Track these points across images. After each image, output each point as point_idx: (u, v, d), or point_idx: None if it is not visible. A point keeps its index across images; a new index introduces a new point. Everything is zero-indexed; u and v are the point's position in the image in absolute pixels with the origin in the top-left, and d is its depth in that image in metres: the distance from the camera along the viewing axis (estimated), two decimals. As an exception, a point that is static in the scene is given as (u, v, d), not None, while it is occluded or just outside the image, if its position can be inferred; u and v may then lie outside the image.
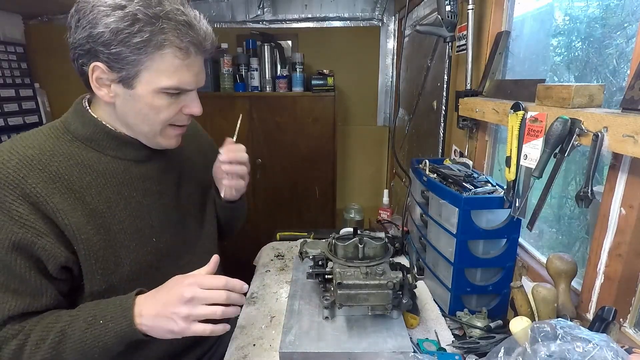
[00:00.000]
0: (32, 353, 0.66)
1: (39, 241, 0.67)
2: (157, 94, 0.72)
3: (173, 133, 0.80)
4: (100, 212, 0.74)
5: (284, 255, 1.34)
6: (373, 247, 0.91)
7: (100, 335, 0.68)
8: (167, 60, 0.70)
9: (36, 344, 0.67)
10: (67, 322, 0.69)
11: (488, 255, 0.96)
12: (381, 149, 2.83)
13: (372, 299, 0.82)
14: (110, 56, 0.68)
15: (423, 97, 1.87)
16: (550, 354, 0.54)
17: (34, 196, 0.67)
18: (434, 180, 1.05)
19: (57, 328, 0.68)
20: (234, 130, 0.98)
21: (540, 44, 1.12)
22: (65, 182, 0.71)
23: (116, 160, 0.78)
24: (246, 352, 0.87)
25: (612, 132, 0.64)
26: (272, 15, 2.57)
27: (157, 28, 0.67)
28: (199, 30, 0.72)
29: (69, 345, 0.67)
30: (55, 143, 0.74)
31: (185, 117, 0.79)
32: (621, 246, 0.71)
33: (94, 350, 0.68)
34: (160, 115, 0.75)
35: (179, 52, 0.70)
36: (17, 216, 0.66)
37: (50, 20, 2.52)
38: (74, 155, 0.74)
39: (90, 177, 0.74)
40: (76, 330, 0.68)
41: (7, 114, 2.31)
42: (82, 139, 0.76)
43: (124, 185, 0.78)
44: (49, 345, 0.67)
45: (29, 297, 0.69)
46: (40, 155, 0.71)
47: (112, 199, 0.76)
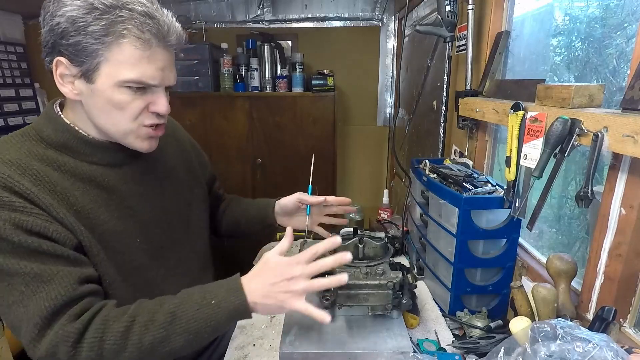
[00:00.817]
0: (142, 334, 0.66)
1: (51, 226, 0.66)
2: (118, 88, 0.69)
3: (145, 134, 0.76)
4: (85, 213, 0.73)
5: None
6: (373, 247, 0.91)
7: (213, 315, 0.68)
8: (126, 51, 0.67)
9: (145, 325, 0.66)
10: (175, 304, 0.69)
11: (488, 255, 0.96)
12: (381, 149, 2.83)
13: (372, 299, 0.82)
14: (69, 48, 0.67)
15: (423, 97, 1.87)
16: (550, 354, 0.54)
17: (24, 192, 0.66)
18: (434, 180, 1.05)
19: (165, 309, 0.68)
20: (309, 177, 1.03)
21: (540, 44, 1.12)
22: (47, 184, 0.69)
23: (92, 165, 0.76)
24: (246, 352, 0.87)
25: (612, 132, 0.64)
26: (272, 15, 2.57)
27: (115, 16, 0.65)
28: (161, 22, 0.69)
29: (180, 325, 0.67)
30: (30, 149, 0.72)
31: (153, 115, 0.75)
32: (621, 246, 0.71)
33: (204, 330, 0.68)
34: (124, 113, 0.72)
35: (137, 43, 0.67)
36: (21, 207, 0.65)
37: (50, 20, 2.52)
38: (50, 161, 0.72)
39: (69, 181, 0.73)
40: (188, 311, 0.68)
41: (7, 114, 2.31)
42: (56, 146, 0.74)
43: (104, 188, 0.77)
44: (160, 326, 0.66)
45: (74, 265, 0.68)
46: (19, 160, 0.69)
47: (94, 201, 0.75)
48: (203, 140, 1.13)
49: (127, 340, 0.65)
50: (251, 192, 2.47)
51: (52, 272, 0.65)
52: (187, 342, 0.68)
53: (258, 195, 2.60)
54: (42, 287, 0.64)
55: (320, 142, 2.40)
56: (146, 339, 0.66)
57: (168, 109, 0.75)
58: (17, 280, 0.64)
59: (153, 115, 0.75)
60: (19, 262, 0.64)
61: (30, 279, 0.64)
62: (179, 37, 0.73)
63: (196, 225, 0.98)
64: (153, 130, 0.77)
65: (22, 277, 0.64)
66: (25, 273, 0.64)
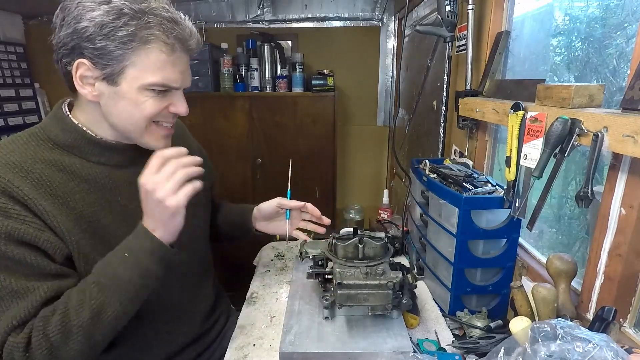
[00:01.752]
0: (78, 314, 0.66)
1: (42, 235, 0.67)
2: (142, 90, 0.71)
3: (159, 133, 0.78)
4: (86, 217, 0.73)
5: (284, 255, 1.34)
6: (373, 247, 0.91)
7: (135, 265, 0.69)
8: (153, 55, 0.69)
9: (78, 304, 0.66)
10: (95, 274, 0.69)
11: (488, 255, 0.96)
12: (381, 149, 2.83)
13: (372, 299, 0.82)
14: (95, 51, 0.68)
15: (423, 97, 1.87)
16: (550, 354, 0.54)
17: (22, 198, 0.66)
18: (434, 180, 1.05)
19: (89, 283, 0.68)
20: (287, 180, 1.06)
21: (540, 44, 1.12)
22: (48, 188, 0.70)
23: (99, 166, 0.77)
24: (246, 352, 0.87)
25: (612, 132, 0.64)
26: (272, 15, 2.57)
27: (143, 22, 0.67)
28: (184, 27, 0.72)
29: (108, 289, 0.67)
30: (36, 150, 0.72)
31: (170, 115, 0.78)
32: (621, 246, 0.71)
33: (134, 280, 0.69)
34: (145, 112, 0.73)
35: (164, 47, 0.70)
36: (15, 214, 0.65)
37: (50, 20, 2.51)
38: (56, 162, 0.73)
39: (74, 182, 0.73)
40: (108, 274, 0.68)
41: (7, 114, 2.31)
42: (63, 146, 0.75)
43: (108, 190, 0.78)
44: (90, 298, 0.66)
45: (55, 279, 0.69)
46: (22, 162, 0.69)
47: (96, 203, 0.75)
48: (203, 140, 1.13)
49: (67, 324, 0.65)
50: (251, 192, 2.47)
51: (28, 289, 0.66)
52: (125, 301, 0.69)
53: (258, 195, 2.60)
54: (15, 302, 0.65)
55: (320, 142, 2.40)
56: (84, 315, 0.66)
57: (187, 110, 0.78)
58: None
59: (170, 115, 0.78)
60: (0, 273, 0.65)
61: (5, 294, 0.65)
62: (198, 42, 0.76)
63: (199, 228, 0.98)
64: (167, 129, 0.79)
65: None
66: (2, 287, 0.65)
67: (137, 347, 0.85)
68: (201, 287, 1.01)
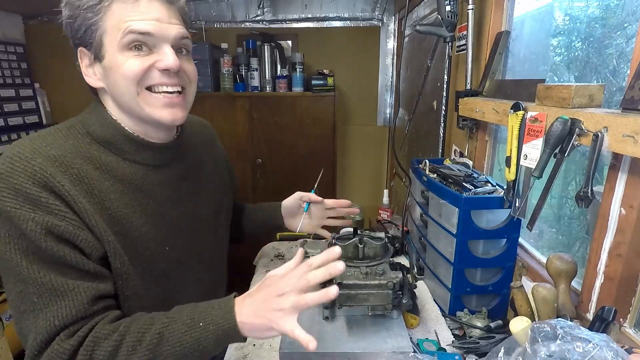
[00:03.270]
0: (129, 355, 0.63)
1: (81, 233, 0.65)
2: (121, 53, 0.68)
3: (157, 101, 0.73)
4: (119, 218, 0.72)
5: (284, 255, 1.34)
6: (373, 247, 0.91)
7: (201, 338, 0.65)
8: (116, 10, 0.67)
9: (132, 346, 0.63)
10: (164, 324, 0.66)
11: (488, 255, 0.96)
12: (381, 149, 2.83)
13: (372, 299, 0.82)
14: (78, 34, 0.69)
15: (423, 97, 1.87)
16: (550, 354, 0.54)
17: (63, 194, 0.65)
18: (434, 180, 1.05)
19: (154, 330, 0.65)
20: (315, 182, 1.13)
21: (540, 44, 1.12)
22: (86, 185, 0.68)
23: (134, 165, 0.76)
24: (246, 352, 0.87)
25: (612, 132, 0.64)
26: (272, 15, 2.57)
27: None
28: None
29: (166, 348, 0.64)
30: (75, 144, 0.71)
31: (160, 75, 0.71)
32: (621, 246, 0.71)
33: (192, 354, 0.65)
34: (127, 74, 0.69)
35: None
36: (56, 210, 0.64)
37: (50, 20, 2.53)
38: (93, 159, 0.71)
39: (109, 182, 0.72)
40: (175, 333, 0.65)
41: (7, 114, 2.31)
42: (101, 141, 0.73)
43: (142, 191, 0.76)
44: (146, 348, 0.63)
45: (93, 280, 0.67)
46: (63, 156, 0.68)
47: (129, 205, 0.74)
48: (203, 140, 1.13)
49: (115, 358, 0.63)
50: (251, 192, 2.47)
51: (68, 287, 0.64)
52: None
53: (258, 195, 2.61)
54: (54, 301, 0.63)
55: (320, 142, 2.40)
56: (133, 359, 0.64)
57: (176, 62, 0.70)
58: (31, 290, 0.63)
59: (161, 74, 0.71)
60: (39, 269, 0.63)
61: (44, 291, 0.63)
62: None
63: (221, 234, 0.98)
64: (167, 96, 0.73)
65: (37, 287, 0.63)
66: (41, 283, 0.63)
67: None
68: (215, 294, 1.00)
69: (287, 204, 1.10)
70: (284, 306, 0.64)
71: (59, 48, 2.46)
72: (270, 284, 0.67)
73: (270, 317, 0.64)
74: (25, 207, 0.62)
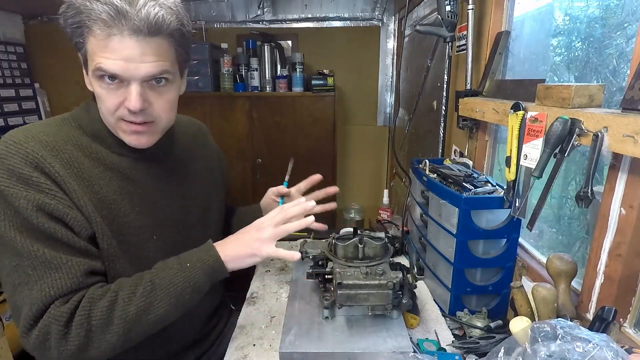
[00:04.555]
0: (125, 306, 0.68)
1: (70, 212, 0.69)
2: (95, 79, 0.70)
3: (127, 128, 0.74)
4: (107, 203, 0.75)
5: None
6: (373, 247, 0.91)
7: (190, 276, 0.72)
8: (92, 42, 0.68)
9: (128, 297, 0.69)
10: (153, 273, 0.73)
11: (488, 255, 0.96)
12: (381, 149, 2.83)
13: (372, 299, 0.82)
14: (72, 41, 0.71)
15: (423, 97, 1.87)
16: (550, 354, 0.54)
17: (53, 175, 0.69)
18: (434, 180, 1.05)
19: (145, 279, 0.71)
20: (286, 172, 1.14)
21: (540, 44, 1.12)
22: (76, 169, 0.72)
23: (121, 157, 0.79)
24: (246, 352, 0.87)
25: (612, 132, 0.64)
26: (272, 15, 2.57)
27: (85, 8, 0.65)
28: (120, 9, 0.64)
29: (160, 291, 0.70)
30: (67, 133, 0.75)
31: (126, 113, 0.71)
32: (621, 246, 0.71)
33: (185, 291, 0.72)
34: (104, 105, 0.72)
35: (98, 31, 0.66)
36: (47, 189, 0.68)
37: (50, 20, 2.53)
38: (84, 147, 0.75)
39: (99, 169, 0.76)
40: (165, 277, 0.72)
41: (7, 114, 2.31)
42: (90, 135, 0.77)
43: (129, 180, 0.79)
44: (141, 295, 0.69)
45: (85, 256, 0.71)
46: (55, 141, 0.72)
47: (118, 192, 0.77)
48: (203, 140, 1.13)
49: (112, 313, 0.68)
50: (251, 192, 2.47)
51: (61, 261, 0.68)
52: (171, 307, 0.71)
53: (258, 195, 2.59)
54: (48, 273, 0.67)
55: (320, 142, 2.40)
56: (130, 310, 0.68)
57: (136, 106, 0.69)
58: (25, 263, 0.66)
59: (127, 112, 0.71)
60: (33, 243, 0.66)
61: (38, 263, 0.66)
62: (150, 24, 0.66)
63: (213, 230, 1.00)
64: (134, 125, 0.73)
65: (32, 260, 0.66)
66: (35, 256, 0.66)
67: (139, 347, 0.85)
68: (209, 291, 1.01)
69: (264, 203, 1.14)
70: (263, 236, 0.76)
71: (59, 48, 2.47)
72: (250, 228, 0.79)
73: (252, 245, 0.76)
74: (18, 186, 0.66)
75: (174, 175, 0.88)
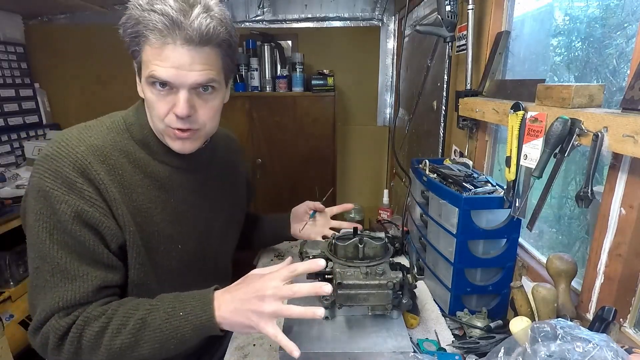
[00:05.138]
0: (113, 337, 0.68)
1: (105, 220, 0.71)
2: (147, 86, 0.73)
3: (173, 134, 0.77)
4: (142, 212, 0.77)
5: (284, 255, 1.34)
6: (373, 247, 0.91)
7: (179, 327, 0.69)
8: (147, 50, 0.71)
9: (117, 329, 0.69)
10: (147, 310, 0.71)
11: (488, 255, 0.96)
12: (381, 149, 2.83)
13: (372, 299, 0.82)
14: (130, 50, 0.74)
15: (423, 97, 1.87)
16: (550, 354, 0.54)
17: (97, 182, 0.71)
18: (434, 180, 1.05)
19: (137, 315, 0.70)
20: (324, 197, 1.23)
21: (540, 44, 1.12)
22: (119, 176, 0.75)
23: (163, 165, 0.81)
24: (246, 352, 0.87)
25: (612, 132, 0.64)
26: (272, 15, 2.57)
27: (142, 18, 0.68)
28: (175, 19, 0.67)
29: (147, 333, 0.69)
30: (115, 138, 0.77)
31: (174, 119, 0.74)
32: (621, 246, 0.71)
33: (170, 341, 0.69)
34: (154, 111, 0.75)
35: (154, 41, 0.69)
36: (88, 196, 0.70)
37: (50, 20, 2.53)
38: (129, 153, 0.78)
39: (139, 176, 0.78)
40: (156, 320, 0.69)
41: (7, 114, 2.31)
42: (137, 140, 0.79)
43: (165, 190, 0.81)
44: (129, 332, 0.69)
45: (104, 270, 0.73)
46: (104, 147, 0.74)
47: (153, 200, 0.79)
48: (203, 140, 1.14)
49: (100, 340, 0.69)
50: (251, 192, 2.47)
51: (79, 273, 0.70)
52: (154, 351, 0.70)
53: (258, 195, 2.60)
54: (63, 282, 0.69)
55: (320, 142, 2.40)
56: (116, 343, 0.69)
57: (184, 112, 0.72)
58: (46, 268, 0.69)
59: (174, 118, 0.74)
60: (59, 250, 0.69)
61: (58, 271, 0.69)
62: (202, 34, 0.68)
63: (229, 242, 1.03)
64: (180, 132, 0.76)
65: (52, 267, 0.69)
66: (57, 264, 0.69)
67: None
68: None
69: (296, 212, 1.19)
70: (265, 311, 0.65)
71: (59, 48, 2.47)
72: (250, 283, 0.69)
73: (251, 317, 0.66)
74: (62, 189, 0.69)
75: (205, 187, 0.91)
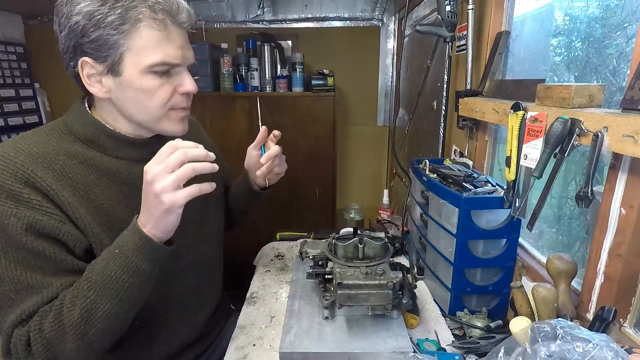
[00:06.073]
0: (70, 311, 0.65)
1: (63, 227, 0.67)
2: (145, 74, 0.71)
3: (176, 116, 0.77)
4: (104, 210, 0.74)
5: (284, 255, 1.34)
6: (373, 247, 0.91)
7: (123, 262, 0.65)
8: (145, 34, 0.68)
9: (71, 302, 0.65)
10: (87, 271, 0.68)
11: (488, 255, 0.96)
12: (381, 149, 2.83)
13: (372, 299, 0.82)
14: (91, 45, 0.68)
15: (423, 97, 1.87)
16: (550, 354, 0.54)
17: (45, 189, 0.67)
18: (434, 180, 1.05)
19: (81, 280, 0.67)
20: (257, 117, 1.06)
21: (540, 44, 1.12)
22: (70, 180, 0.71)
23: (118, 160, 0.78)
24: (246, 352, 0.87)
25: (612, 132, 0.64)
26: (272, 15, 2.57)
27: (128, 3, 0.66)
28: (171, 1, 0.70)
29: (98, 288, 0.65)
30: (58, 142, 0.73)
31: (182, 98, 0.76)
32: (621, 246, 0.71)
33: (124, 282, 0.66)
34: (155, 99, 0.73)
35: (154, 24, 0.68)
36: (38, 205, 0.66)
37: (50, 20, 2.51)
38: (77, 155, 0.74)
39: (94, 175, 0.74)
40: (99, 270, 0.66)
41: (7, 114, 2.31)
42: (84, 139, 0.76)
43: (126, 184, 0.78)
44: (82, 296, 0.65)
45: (71, 276, 0.69)
46: (45, 153, 0.70)
47: (114, 197, 0.76)
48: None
49: (61, 322, 0.65)
50: (251, 192, 2.47)
51: (44, 284, 0.67)
52: (116, 299, 0.66)
53: (258, 195, 2.60)
54: (30, 297, 0.66)
55: (320, 142, 2.40)
56: (75, 315, 0.65)
57: (196, 87, 0.76)
58: (8, 288, 0.65)
59: (183, 97, 0.76)
60: (17, 267, 0.65)
61: (21, 288, 0.66)
62: (189, 14, 0.73)
63: (211, 226, 0.99)
64: (184, 111, 0.78)
65: (14, 285, 0.65)
66: (18, 281, 0.65)
67: (138, 346, 0.85)
68: (209, 290, 1.00)
69: (248, 162, 1.09)
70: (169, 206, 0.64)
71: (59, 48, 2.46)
72: (145, 191, 0.66)
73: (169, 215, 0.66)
74: (8, 203, 0.64)
75: None
